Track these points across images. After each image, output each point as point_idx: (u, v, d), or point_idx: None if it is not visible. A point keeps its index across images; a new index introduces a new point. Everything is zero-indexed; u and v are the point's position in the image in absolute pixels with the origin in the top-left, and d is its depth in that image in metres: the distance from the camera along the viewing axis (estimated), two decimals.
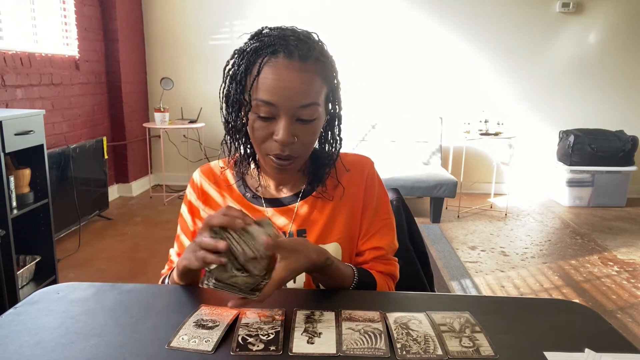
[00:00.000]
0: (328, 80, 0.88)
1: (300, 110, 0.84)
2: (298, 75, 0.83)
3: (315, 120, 0.87)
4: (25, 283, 2.37)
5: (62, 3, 3.62)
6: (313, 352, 0.68)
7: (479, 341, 0.72)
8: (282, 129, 0.84)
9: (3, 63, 2.88)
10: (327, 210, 0.98)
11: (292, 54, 0.83)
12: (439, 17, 4.47)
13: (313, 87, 0.85)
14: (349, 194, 0.99)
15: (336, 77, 0.91)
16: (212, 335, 0.72)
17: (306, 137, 0.87)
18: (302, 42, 0.84)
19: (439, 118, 4.36)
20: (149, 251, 3.13)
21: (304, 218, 0.98)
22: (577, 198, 4.34)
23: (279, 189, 1.00)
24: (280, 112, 0.84)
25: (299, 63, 0.83)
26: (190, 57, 4.64)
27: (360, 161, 1.02)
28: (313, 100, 0.85)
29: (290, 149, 0.86)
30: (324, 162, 0.98)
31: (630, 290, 2.68)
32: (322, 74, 0.86)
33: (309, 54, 0.84)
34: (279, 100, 0.83)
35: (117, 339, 0.72)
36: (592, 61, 4.51)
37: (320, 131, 0.92)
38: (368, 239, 0.99)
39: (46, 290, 0.88)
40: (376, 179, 1.02)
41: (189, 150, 4.78)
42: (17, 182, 2.24)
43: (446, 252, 3.18)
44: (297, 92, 0.83)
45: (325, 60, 0.87)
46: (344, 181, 0.99)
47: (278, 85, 0.83)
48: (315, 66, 0.85)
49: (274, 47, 0.83)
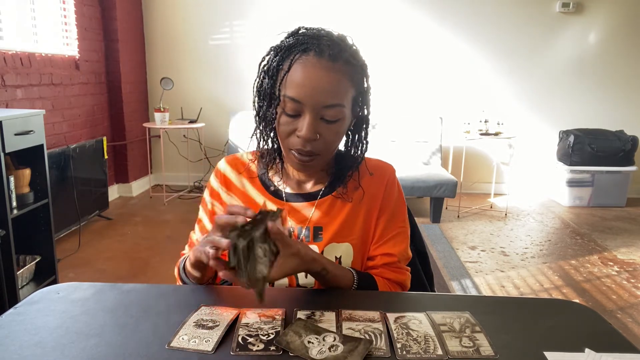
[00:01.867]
0: (357, 84, 0.89)
1: (325, 109, 0.85)
2: (325, 75, 0.84)
3: (339, 121, 0.88)
4: (25, 283, 2.37)
5: (62, 3, 3.62)
6: None
7: (479, 341, 0.72)
8: (306, 125, 0.85)
9: (3, 63, 2.88)
10: (345, 210, 0.99)
11: (322, 52, 0.84)
12: (439, 17, 4.47)
13: (340, 88, 0.86)
14: (367, 198, 1.00)
15: (366, 81, 0.92)
16: (212, 335, 0.72)
17: (329, 136, 0.88)
18: (334, 43, 0.86)
19: (439, 118, 4.36)
20: (149, 251, 3.13)
21: (321, 216, 0.99)
22: (577, 198, 4.34)
23: (301, 185, 1.02)
24: (305, 109, 0.85)
25: (328, 62, 0.84)
26: (190, 57, 4.64)
27: (383, 167, 1.04)
28: (338, 102, 0.86)
29: (312, 145, 0.88)
30: (348, 164, 0.99)
31: (630, 290, 2.68)
32: (351, 76, 0.87)
33: (339, 55, 0.85)
34: (305, 98, 0.84)
35: (117, 339, 0.72)
36: (592, 61, 4.51)
37: (345, 132, 0.93)
38: (380, 245, 1.00)
39: (46, 290, 0.88)
40: (396, 186, 1.03)
41: (189, 150, 4.78)
42: (17, 182, 2.24)
43: (446, 252, 3.18)
44: (323, 91, 0.84)
45: (355, 64, 0.88)
46: (365, 184, 1.00)
47: (305, 83, 0.84)
48: (345, 68, 0.86)
49: (306, 45, 0.85)
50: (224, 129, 4.58)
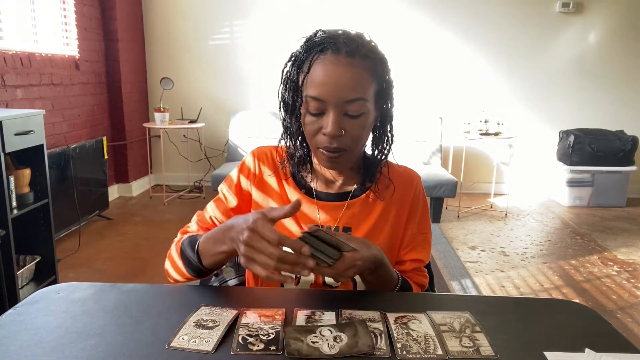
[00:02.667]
0: (378, 77, 0.90)
1: (347, 104, 0.86)
2: (345, 70, 0.85)
3: (363, 115, 0.88)
4: (25, 283, 2.37)
5: (62, 3, 3.62)
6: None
7: (479, 341, 0.72)
8: (331, 122, 0.86)
9: (3, 63, 2.88)
10: (376, 213, 1.00)
11: (339, 49, 0.85)
12: (439, 17, 4.47)
13: (360, 82, 0.86)
14: (397, 200, 1.01)
15: (388, 75, 0.92)
16: (212, 335, 0.72)
17: (355, 131, 0.88)
18: (351, 40, 0.87)
19: (439, 118, 4.36)
20: (149, 251, 3.13)
21: (351, 216, 1.00)
22: (577, 198, 4.34)
23: (332, 185, 1.02)
24: (328, 107, 0.86)
25: (346, 58, 0.85)
26: (190, 57, 4.64)
27: (410, 174, 1.06)
28: (360, 96, 0.86)
29: (339, 141, 0.88)
30: (376, 161, 1.00)
31: (630, 290, 2.68)
32: (371, 70, 0.88)
33: (356, 50, 0.86)
34: (326, 95, 0.85)
35: (117, 339, 0.72)
36: (592, 61, 4.51)
37: (371, 127, 0.93)
38: (410, 250, 1.02)
39: (46, 290, 0.88)
40: (423, 193, 1.06)
41: (189, 150, 4.78)
42: (17, 182, 2.24)
43: (446, 252, 3.18)
44: (343, 86, 0.85)
45: (375, 57, 0.89)
46: (393, 189, 1.02)
47: (325, 81, 0.85)
48: (364, 62, 0.86)
49: (324, 45, 0.86)
50: (224, 129, 4.58)
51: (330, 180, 1.02)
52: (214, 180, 3.71)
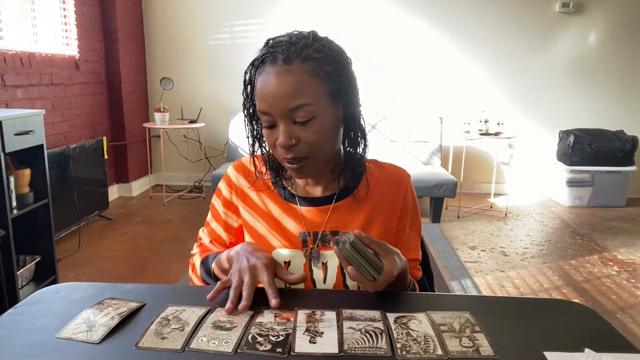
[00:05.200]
0: (327, 77, 0.85)
1: (293, 113, 0.83)
2: (281, 79, 0.82)
3: (313, 120, 0.84)
4: (25, 283, 2.37)
5: (62, 3, 3.62)
6: (315, 351, 0.68)
7: (479, 341, 0.72)
8: (280, 133, 0.85)
9: (3, 63, 2.88)
10: (362, 216, 0.98)
11: (275, 59, 0.83)
12: (438, 18, 4.47)
13: (300, 87, 0.82)
14: (385, 202, 1.00)
15: (342, 71, 0.87)
16: (231, 336, 0.71)
17: (308, 137, 0.85)
18: (290, 45, 0.83)
19: (439, 118, 4.36)
20: (149, 251, 3.13)
21: (336, 221, 0.98)
22: (577, 198, 4.34)
23: (313, 190, 1.00)
24: (276, 118, 0.85)
25: (282, 66, 0.82)
26: (190, 57, 4.64)
27: (400, 173, 1.04)
28: (303, 102, 0.83)
29: (294, 151, 0.86)
30: (355, 164, 0.98)
31: (630, 290, 2.68)
32: (314, 72, 0.83)
33: (294, 55, 0.83)
34: (270, 108, 0.84)
35: (118, 339, 0.71)
36: (591, 61, 4.51)
37: (330, 129, 0.88)
38: (406, 250, 1.01)
39: (46, 290, 0.88)
40: (412, 192, 1.04)
41: (189, 150, 4.78)
42: (17, 182, 2.24)
43: (446, 252, 3.18)
44: (283, 95, 0.82)
45: (319, 57, 0.84)
46: (381, 188, 1.00)
47: (266, 93, 0.84)
48: (303, 66, 0.83)
49: (263, 56, 0.85)
50: (224, 129, 4.58)
51: (314, 184, 1.00)
52: (214, 180, 3.71)
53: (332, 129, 0.89)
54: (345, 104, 0.89)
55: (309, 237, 0.97)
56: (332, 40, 0.88)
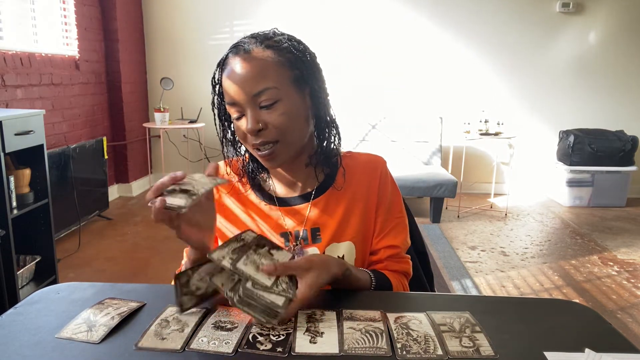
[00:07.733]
0: (290, 64, 0.88)
1: (257, 97, 0.86)
2: (244, 66, 0.86)
3: (279, 103, 0.87)
4: (25, 283, 2.37)
5: (62, 3, 3.62)
6: (316, 351, 0.68)
7: (479, 341, 0.72)
8: (248, 119, 0.87)
9: (3, 63, 2.88)
10: (341, 209, 0.98)
11: (237, 51, 0.88)
12: (439, 17, 4.47)
13: (262, 71, 0.86)
14: (363, 192, 0.99)
15: (302, 59, 0.90)
16: (232, 336, 0.71)
17: (275, 120, 0.87)
18: (250, 38, 0.89)
19: (439, 118, 4.36)
20: (149, 251, 3.13)
21: (317, 217, 0.98)
22: (577, 198, 4.34)
23: (291, 189, 1.01)
24: (243, 106, 0.87)
25: (244, 55, 0.87)
26: (190, 57, 4.64)
27: (374, 160, 1.03)
28: (265, 86, 0.86)
29: (264, 135, 0.88)
30: (330, 152, 0.98)
31: (630, 290, 2.68)
32: (276, 58, 0.87)
33: (254, 44, 0.88)
34: (236, 95, 0.87)
35: (118, 339, 0.71)
36: (592, 61, 4.50)
37: (297, 114, 0.90)
38: (382, 238, 1.00)
39: (46, 290, 0.88)
40: (389, 177, 1.02)
41: (189, 150, 4.78)
42: (17, 182, 2.24)
43: (446, 252, 3.18)
44: (246, 81, 0.86)
45: (279, 46, 0.88)
46: (357, 178, 1.00)
47: (231, 83, 0.87)
48: (264, 53, 0.87)
49: (227, 53, 0.90)
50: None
51: (292, 182, 1.00)
52: None
53: (300, 114, 0.91)
54: (312, 92, 0.92)
55: (291, 237, 0.98)
56: (294, 36, 0.93)
